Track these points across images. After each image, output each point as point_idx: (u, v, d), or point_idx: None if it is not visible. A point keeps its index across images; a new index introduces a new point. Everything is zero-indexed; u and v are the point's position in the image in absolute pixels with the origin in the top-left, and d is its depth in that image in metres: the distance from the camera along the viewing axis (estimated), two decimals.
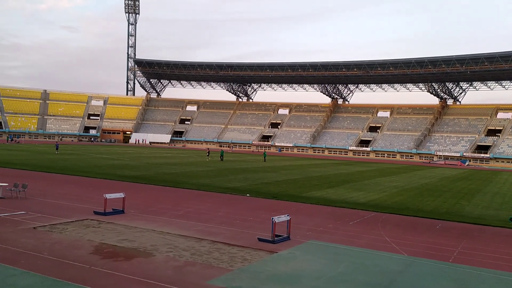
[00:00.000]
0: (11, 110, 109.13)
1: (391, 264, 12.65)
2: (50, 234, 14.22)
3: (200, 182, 30.30)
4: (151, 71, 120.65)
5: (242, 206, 21.67)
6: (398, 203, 25.03)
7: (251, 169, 44.61)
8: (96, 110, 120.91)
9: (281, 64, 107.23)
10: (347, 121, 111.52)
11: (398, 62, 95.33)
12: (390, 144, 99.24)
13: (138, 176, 32.60)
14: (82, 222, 16.29)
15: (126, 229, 15.36)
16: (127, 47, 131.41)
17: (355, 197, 26.56)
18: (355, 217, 20.03)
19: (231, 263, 11.97)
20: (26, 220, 16.06)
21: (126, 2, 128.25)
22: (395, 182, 37.55)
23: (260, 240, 14.69)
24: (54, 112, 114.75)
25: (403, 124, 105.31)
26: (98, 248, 12.84)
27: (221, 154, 59.49)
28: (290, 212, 18.72)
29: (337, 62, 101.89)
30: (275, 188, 28.87)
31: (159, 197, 23.47)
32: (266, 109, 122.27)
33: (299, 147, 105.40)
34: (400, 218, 20.58)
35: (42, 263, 11.10)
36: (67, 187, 25.47)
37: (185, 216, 18.29)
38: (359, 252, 13.72)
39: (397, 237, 16.44)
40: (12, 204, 18.92)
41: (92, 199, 21.05)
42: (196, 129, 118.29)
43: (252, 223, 17.56)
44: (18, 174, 30.27)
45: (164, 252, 12.69)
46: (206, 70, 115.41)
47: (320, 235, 16.00)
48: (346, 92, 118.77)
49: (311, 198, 25.28)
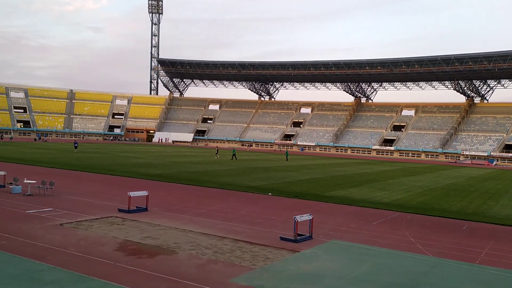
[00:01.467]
0: (38, 110, 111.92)
1: (416, 265, 12.43)
2: (76, 230, 14.52)
3: (223, 181, 30.43)
4: (174, 70, 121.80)
5: (264, 205, 21.67)
6: (423, 203, 24.59)
7: (273, 168, 44.56)
8: (120, 109, 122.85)
9: (304, 63, 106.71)
10: (370, 120, 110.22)
11: (423, 60, 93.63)
12: (414, 143, 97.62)
13: (161, 174, 32.97)
14: (107, 219, 16.57)
15: (149, 227, 15.55)
16: (150, 47, 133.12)
17: (378, 196, 26.22)
18: (378, 217, 19.78)
19: (253, 262, 11.97)
20: (53, 216, 16.44)
21: (149, 2, 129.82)
22: (420, 182, 36.92)
23: (282, 239, 14.65)
24: (80, 112, 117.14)
25: (428, 123, 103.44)
26: (123, 245, 13.03)
27: (233, 153, 58.68)
28: (313, 211, 18.62)
29: (361, 60, 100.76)
30: (297, 187, 28.76)
31: (181, 195, 23.68)
32: (288, 108, 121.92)
33: (322, 146, 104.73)
34: (425, 218, 20.22)
35: (69, 259, 11.34)
36: (92, 184, 25.96)
37: (208, 215, 18.39)
38: (382, 253, 13.54)
39: (422, 237, 16.15)
40: (40, 201, 19.40)
41: (117, 197, 21.39)
42: (218, 128, 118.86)
43: (274, 222, 17.53)
44: (45, 171, 31.01)
45: (187, 250, 12.78)
46: (229, 69, 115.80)
47: (342, 235, 15.86)
48: (370, 91, 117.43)
49: (333, 197, 25.08)
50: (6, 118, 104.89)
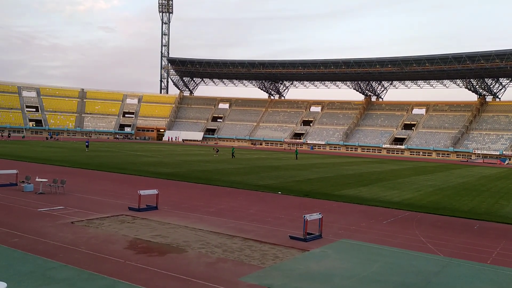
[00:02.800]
0: (50, 109, 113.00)
1: (427, 264, 12.33)
2: (87, 228, 14.64)
3: (232, 180, 30.47)
4: (184, 69, 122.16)
5: (273, 204, 21.65)
6: (433, 202, 24.38)
7: (283, 166, 44.50)
8: (131, 108, 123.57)
9: (314, 61, 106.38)
10: (380, 119, 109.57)
11: (434, 58, 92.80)
12: (425, 142, 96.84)
13: (171, 173, 33.10)
14: (117, 217, 16.68)
15: (159, 225, 15.62)
16: (160, 46, 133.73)
17: (389, 196, 26.06)
18: (389, 216, 19.66)
19: (263, 261, 11.97)
20: (64, 214, 16.59)
21: (160, 2, 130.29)
22: (431, 181, 36.61)
23: (292, 238, 14.62)
24: (91, 110, 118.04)
25: (440, 122, 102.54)
26: (133, 243, 13.11)
27: (232, 151, 58.89)
28: (322, 210, 18.57)
29: (371, 58, 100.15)
30: (307, 186, 28.69)
31: (191, 194, 23.75)
32: (298, 107, 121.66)
33: (332, 145, 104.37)
34: (436, 217, 20.04)
35: (79, 256, 11.43)
36: (103, 183, 26.15)
37: (217, 213, 18.42)
38: (393, 252, 13.45)
39: (433, 237, 16.01)
40: (52, 199, 19.59)
41: (127, 195, 21.52)
42: (228, 126, 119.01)
43: (283, 221, 17.51)
44: (57, 170, 31.31)
45: (197, 248, 12.82)
46: (238, 68, 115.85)
47: (352, 234, 15.78)
48: (380, 89, 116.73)
49: (343, 196, 24.98)
50: (19, 117, 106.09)
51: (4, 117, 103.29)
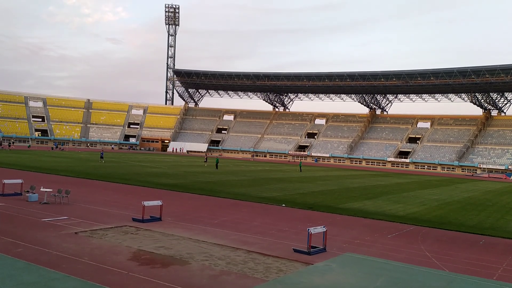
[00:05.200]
0: (56, 119, 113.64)
1: (432, 280, 12.21)
2: (90, 239, 14.62)
3: (236, 191, 30.42)
4: (190, 81, 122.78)
5: (277, 216, 21.57)
6: (439, 216, 24.22)
7: (287, 179, 44.42)
8: (136, 119, 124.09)
9: (318, 74, 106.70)
10: (385, 132, 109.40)
11: (439, 72, 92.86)
12: (430, 156, 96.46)
13: (176, 184, 33.10)
14: (121, 228, 16.67)
15: (163, 237, 15.59)
16: (166, 58, 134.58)
17: (393, 209, 25.91)
18: (393, 230, 19.52)
19: (266, 274, 11.90)
20: (68, 225, 16.59)
21: (166, 14, 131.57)
22: (436, 195, 36.39)
23: (296, 251, 14.54)
24: (96, 121, 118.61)
25: (444, 136, 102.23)
26: (136, 254, 13.08)
27: (216, 162, 55.38)
28: (326, 224, 18.48)
29: (376, 72, 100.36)
30: (311, 199, 28.59)
31: (195, 205, 23.72)
32: (302, 119, 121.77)
33: (336, 158, 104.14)
34: (441, 232, 19.89)
35: (83, 267, 11.41)
36: (107, 193, 26.18)
37: (221, 225, 18.37)
38: (398, 267, 13.33)
39: (438, 252, 15.88)
40: (56, 209, 19.61)
41: (131, 206, 21.52)
42: (232, 138, 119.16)
43: (287, 234, 17.43)
44: (62, 180, 31.39)
45: (200, 261, 12.77)
46: (243, 80, 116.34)
47: (357, 248, 15.68)
48: (385, 102, 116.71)
49: (348, 209, 24.86)
50: (25, 127, 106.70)
51: (10, 127, 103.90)
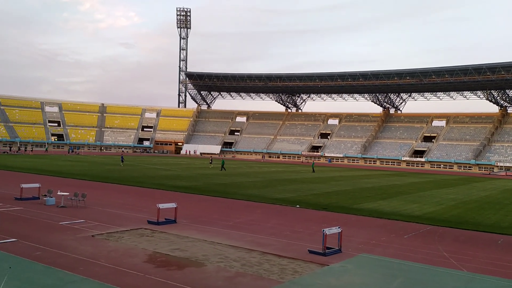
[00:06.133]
0: (71, 123, 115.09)
1: (450, 280, 12.05)
2: (107, 242, 14.76)
3: (250, 193, 30.43)
4: (202, 83, 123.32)
5: (292, 217, 21.52)
6: (456, 216, 23.91)
7: (300, 179, 44.29)
8: (149, 122, 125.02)
9: (331, 74, 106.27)
10: (399, 131, 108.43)
11: (454, 69, 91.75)
12: (446, 155, 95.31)
13: (189, 186, 33.25)
14: (136, 231, 16.80)
15: (178, 239, 15.66)
16: (179, 61, 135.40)
17: (409, 209, 25.66)
18: (410, 231, 19.33)
19: (282, 275, 11.87)
20: (85, 228, 16.78)
21: (178, 18, 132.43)
22: (453, 194, 35.94)
23: (311, 252, 14.49)
24: (110, 125, 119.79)
25: (460, 134, 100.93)
26: (152, 256, 13.16)
27: (222, 164, 54.75)
28: (341, 224, 18.37)
29: (389, 70, 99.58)
30: (325, 199, 28.47)
31: (209, 207, 23.79)
32: (315, 120, 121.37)
33: (350, 158, 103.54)
34: (459, 232, 19.63)
35: (100, 270, 11.52)
36: (122, 196, 26.41)
37: (235, 227, 18.39)
38: (415, 267, 13.19)
39: (455, 252, 15.67)
40: (73, 213, 19.85)
41: (146, 209, 21.68)
42: (245, 140, 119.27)
43: (302, 235, 17.37)
44: (78, 184, 31.76)
45: (215, 262, 12.80)
46: (255, 81, 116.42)
47: (373, 249, 15.56)
48: (399, 101, 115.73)
49: (362, 210, 24.69)
50: (41, 132, 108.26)
51: (27, 132, 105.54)
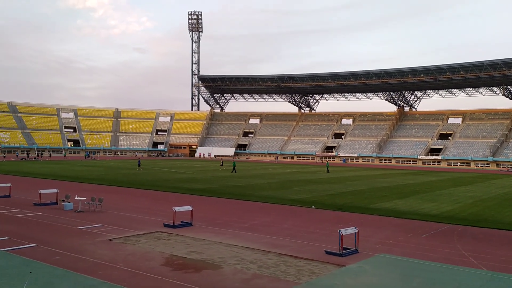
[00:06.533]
0: (87, 129, 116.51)
1: (470, 279, 11.87)
2: (124, 246, 14.90)
3: (265, 194, 30.41)
4: (215, 86, 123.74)
5: (307, 218, 21.45)
6: (474, 214, 23.56)
7: (315, 180, 44.12)
8: (163, 126, 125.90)
9: (343, 74, 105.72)
10: (415, 129, 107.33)
11: (469, 66, 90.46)
12: (463, 152, 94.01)
13: (204, 189, 33.37)
14: (153, 234, 16.92)
15: (194, 242, 15.72)
16: (191, 64, 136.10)
17: (426, 208, 25.36)
18: (427, 230, 19.10)
19: (299, 276, 11.84)
20: (102, 232, 16.96)
21: (190, 21, 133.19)
22: (470, 192, 35.43)
23: (328, 253, 14.42)
24: (125, 129, 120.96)
25: (477, 131, 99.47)
26: (169, 260, 13.24)
27: (233, 166, 54.78)
28: (357, 224, 18.25)
29: (403, 68, 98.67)
30: (340, 200, 28.31)
31: (224, 209, 23.84)
32: (329, 120, 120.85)
33: (365, 157, 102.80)
34: (478, 230, 19.34)
35: (118, 274, 11.63)
36: (138, 200, 26.63)
37: (251, 229, 18.40)
38: (434, 267, 13.03)
39: (475, 250, 15.44)
40: (90, 217, 20.08)
41: (162, 212, 21.82)
42: (259, 141, 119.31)
43: (318, 236, 17.30)
44: (94, 188, 32.13)
45: (232, 265, 12.82)
46: (268, 82, 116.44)
47: (390, 248, 15.41)
48: (413, 99, 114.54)
49: (379, 209, 24.49)
50: (58, 138, 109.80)
51: (44, 138, 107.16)
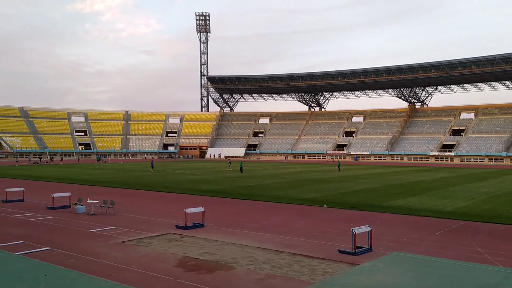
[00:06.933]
0: (98, 132, 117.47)
1: (486, 276, 11.70)
2: (137, 248, 14.95)
3: (276, 194, 30.35)
4: (224, 86, 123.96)
5: (319, 218, 21.35)
6: (489, 210, 23.25)
7: (327, 179, 43.94)
8: (173, 127, 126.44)
9: (353, 71, 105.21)
10: (426, 126, 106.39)
11: (480, 60, 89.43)
12: (476, 148, 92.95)
13: (216, 190, 33.41)
14: (165, 236, 16.96)
15: (206, 242, 15.73)
16: (199, 65, 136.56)
17: (440, 205, 25.10)
18: (441, 227, 18.89)
19: (312, 276, 11.77)
20: (115, 235, 17.04)
21: (197, 22, 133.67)
22: (485, 188, 34.99)
23: (341, 252, 14.32)
24: (135, 132, 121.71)
25: (490, 126, 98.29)
26: (182, 261, 13.25)
27: (241, 166, 54.92)
28: (370, 223, 18.12)
29: (413, 64, 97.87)
30: (353, 198, 28.13)
31: (236, 210, 23.83)
32: (339, 118, 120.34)
33: (376, 155, 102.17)
34: (492, 226, 19.08)
35: (132, 276, 11.67)
36: (150, 202, 26.74)
37: (263, 229, 18.35)
38: (449, 264, 12.86)
39: (490, 247, 15.22)
40: (103, 220, 20.20)
41: (174, 214, 21.87)
42: (269, 141, 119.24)
43: (331, 235, 17.20)
44: (106, 191, 32.34)
45: (245, 265, 12.78)
46: (277, 82, 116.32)
47: (404, 246, 15.26)
48: (424, 95, 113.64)
49: (392, 207, 24.28)
50: (69, 142, 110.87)
51: (55, 142, 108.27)
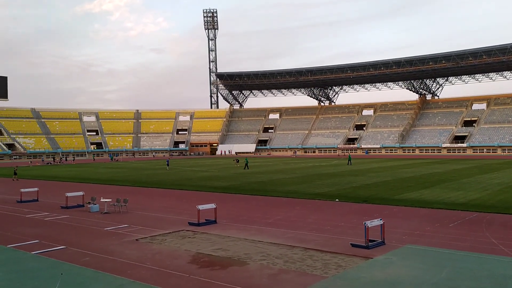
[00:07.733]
0: (109, 131, 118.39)
1: (501, 267, 11.61)
2: (151, 245, 15.09)
3: (287, 189, 30.37)
4: (233, 83, 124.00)
5: (331, 212, 21.32)
6: (503, 201, 23.01)
7: (338, 173, 43.81)
8: (183, 125, 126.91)
9: (363, 64, 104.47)
10: (438, 117, 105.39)
11: (491, 50, 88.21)
12: (489, 139, 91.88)
13: (227, 186, 33.51)
14: (178, 233, 17.08)
15: (219, 239, 15.81)
16: (208, 62, 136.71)
17: (453, 197, 24.90)
18: (455, 219, 18.75)
19: (326, 270, 11.78)
20: (129, 232, 17.21)
21: (205, 19, 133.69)
22: (498, 179, 34.62)
23: (354, 245, 14.30)
24: (146, 130, 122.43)
25: (503, 116, 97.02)
26: (195, 257, 13.35)
27: (246, 163, 55.04)
28: (383, 216, 18.06)
29: (423, 56, 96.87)
30: (365, 192, 28.04)
31: (248, 206, 23.90)
32: (349, 111, 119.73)
33: (387, 148, 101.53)
34: (507, 217, 18.89)
35: (146, 272, 11.79)
36: (162, 200, 26.93)
37: (275, 224, 18.39)
38: (463, 256, 12.78)
39: (504, 238, 15.09)
40: (116, 218, 20.41)
41: (186, 211, 22.01)
42: (280, 136, 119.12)
43: (343, 229, 17.18)
44: (119, 190, 32.63)
45: (258, 260, 12.84)
46: (286, 77, 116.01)
47: (417, 239, 15.19)
48: (435, 87, 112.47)
49: (404, 200, 24.16)
50: (81, 141, 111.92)
51: (68, 142, 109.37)
